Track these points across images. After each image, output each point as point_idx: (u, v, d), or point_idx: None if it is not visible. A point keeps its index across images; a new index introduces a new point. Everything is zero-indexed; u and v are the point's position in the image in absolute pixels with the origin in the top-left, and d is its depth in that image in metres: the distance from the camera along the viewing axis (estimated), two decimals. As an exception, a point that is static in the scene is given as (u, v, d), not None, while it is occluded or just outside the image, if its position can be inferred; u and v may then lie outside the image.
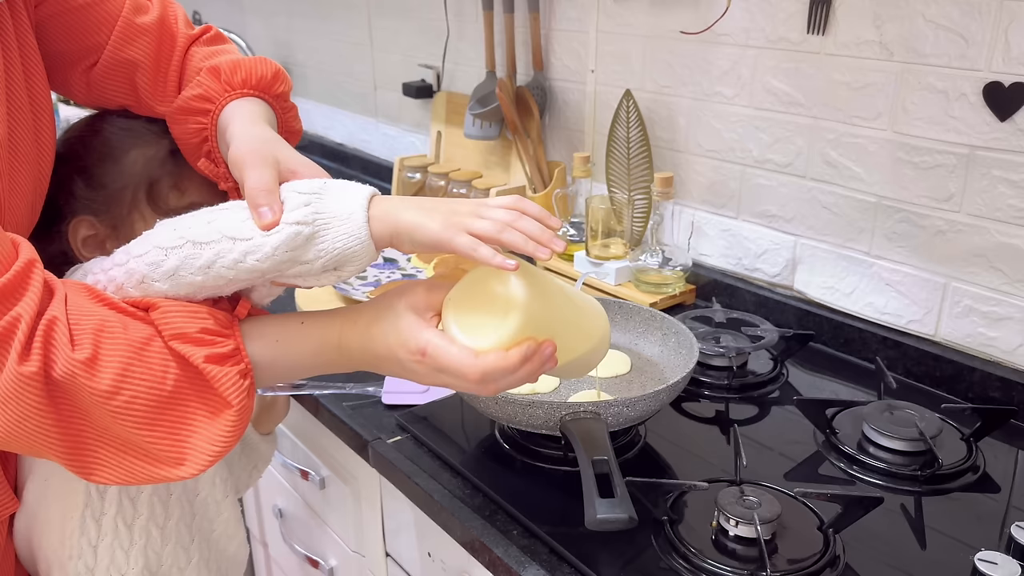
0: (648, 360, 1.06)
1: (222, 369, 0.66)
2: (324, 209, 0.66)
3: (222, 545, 0.94)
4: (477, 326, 0.67)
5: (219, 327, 0.67)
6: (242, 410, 0.67)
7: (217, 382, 0.65)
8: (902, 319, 1.15)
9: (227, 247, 0.66)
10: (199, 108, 0.81)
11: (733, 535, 0.78)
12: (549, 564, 0.78)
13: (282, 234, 0.65)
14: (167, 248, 0.66)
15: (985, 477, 0.91)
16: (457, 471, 0.92)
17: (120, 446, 0.65)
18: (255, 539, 1.58)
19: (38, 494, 0.80)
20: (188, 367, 0.65)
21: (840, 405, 1.02)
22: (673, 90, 1.37)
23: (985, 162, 1.02)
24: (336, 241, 0.66)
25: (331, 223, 0.66)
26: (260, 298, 0.76)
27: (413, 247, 0.68)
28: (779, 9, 1.19)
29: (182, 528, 0.87)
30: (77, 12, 0.81)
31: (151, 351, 0.64)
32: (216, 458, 0.66)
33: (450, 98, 1.82)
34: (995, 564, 0.74)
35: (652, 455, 0.96)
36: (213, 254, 0.66)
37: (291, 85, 0.87)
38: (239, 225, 0.66)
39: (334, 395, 1.08)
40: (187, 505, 0.87)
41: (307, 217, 0.66)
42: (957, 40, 1.01)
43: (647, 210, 1.35)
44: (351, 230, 0.66)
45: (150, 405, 0.63)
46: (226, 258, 0.66)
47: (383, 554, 1.11)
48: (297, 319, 0.71)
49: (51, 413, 0.61)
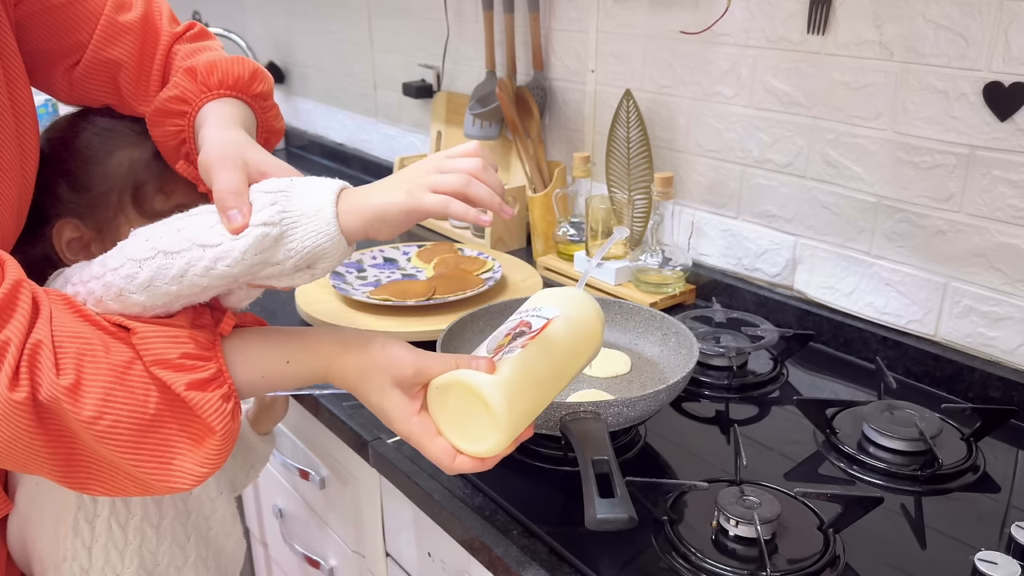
0: (648, 360, 1.06)
1: (204, 395, 0.65)
2: (291, 207, 0.66)
3: (219, 542, 0.94)
4: (461, 425, 0.70)
5: (200, 350, 0.67)
6: (226, 435, 0.67)
7: (200, 409, 0.65)
8: (902, 319, 1.15)
9: (197, 255, 0.65)
10: (176, 110, 0.80)
11: (733, 535, 0.78)
12: (549, 564, 0.78)
13: (249, 237, 0.65)
14: (140, 260, 0.66)
15: (985, 477, 0.91)
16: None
17: (109, 465, 0.65)
18: (255, 539, 1.58)
19: (30, 497, 0.80)
20: (169, 393, 0.65)
21: (840, 405, 1.02)
22: (673, 90, 1.37)
23: (985, 162, 1.02)
24: (305, 239, 0.65)
25: (299, 221, 0.65)
26: (238, 301, 0.76)
27: (390, 230, 0.67)
28: (779, 9, 1.19)
29: (177, 527, 0.87)
30: (58, 10, 0.80)
31: (132, 375, 0.64)
32: (203, 478, 0.66)
33: (450, 98, 1.82)
34: (995, 564, 0.74)
35: (652, 455, 0.96)
36: (184, 263, 0.65)
37: (271, 84, 0.86)
38: (207, 231, 0.66)
39: (334, 395, 1.08)
40: (181, 504, 0.87)
41: (273, 217, 0.65)
42: (957, 40, 1.01)
43: (647, 210, 1.35)
44: (319, 227, 0.65)
45: (133, 429, 0.63)
46: (197, 266, 0.65)
47: (383, 554, 1.11)
48: (283, 356, 0.71)
49: (41, 435, 0.61)
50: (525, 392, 0.70)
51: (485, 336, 1.07)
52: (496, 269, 1.38)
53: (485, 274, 1.37)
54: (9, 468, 0.65)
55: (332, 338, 0.73)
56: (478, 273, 1.37)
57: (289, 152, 2.52)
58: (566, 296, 0.78)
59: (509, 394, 0.68)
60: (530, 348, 0.71)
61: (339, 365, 0.72)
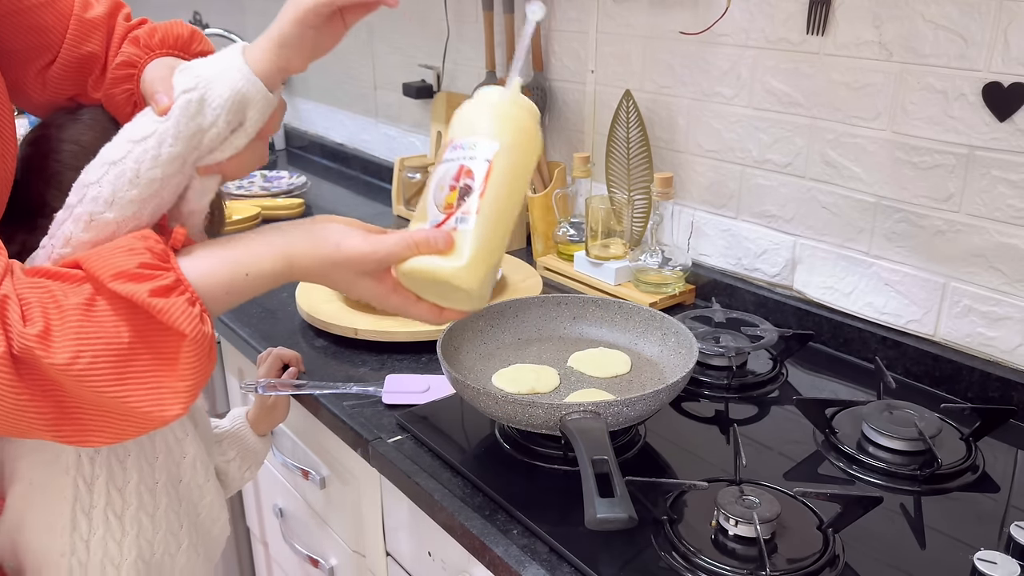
0: (648, 360, 1.06)
1: (169, 300, 0.65)
2: (203, 72, 0.71)
3: (207, 527, 0.94)
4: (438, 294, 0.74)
5: (157, 261, 0.67)
6: (198, 338, 0.66)
7: (167, 314, 0.65)
8: (901, 319, 1.16)
9: (140, 150, 0.70)
10: (124, 75, 0.82)
11: (733, 534, 0.78)
12: (549, 563, 0.78)
13: (176, 109, 0.69)
14: (97, 181, 0.70)
15: (984, 477, 0.91)
16: (457, 471, 0.93)
17: (99, 410, 0.65)
18: (255, 538, 1.58)
19: (23, 497, 0.80)
20: (137, 317, 0.65)
21: (839, 405, 1.02)
22: (673, 90, 1.37)
23: (984, 162, 1.03)
24: (224, 90, 0.70)
25: (214, 79, 0.71)
26: (198, 197, 0.76)
27: (297, 53, 0.72)
28: (778, 9, 1.19)
29: (171, 515, 0.87)
30: (29, 12, 0.81)
31: (98, 311, 0.64)
32: (191, 396, 0.67)
33: (450, 98, 1.82)
34: (994, 564, 0.74)
35: (652, 455, 0.96)
36: (134, 163, 0.70)
37: (211, 46, 0.88)
38: (139, 127, 0.71)
39: (334, 395, 1.08)
40: (173, 491, 0.88)
41: (191, 82, 0.70)
42: (956, 40, 1.02)
43: (647, 210, 1.35)
44: (232, 75, 0.71)
45: (111, 363, 0.63)
46: (145, 160, 0.69)
47: (383, 553, 1.11)
48: (241, 271, 0.72)
49: (24, 391, 0.62)
50: (490, 249, 0.72)
51: (485, 336, 1.08)
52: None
53: (485, 274, 1.37)
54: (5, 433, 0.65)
55: (284, 248, 0.73)
56: (478, 273, 1.37)
57: (289, 152, 2.52)
58: (496, 114, 0.74)
59: (476, 268, 0.70)
60: (483, 208, 0.71)
61: (301, 270, 0.73)
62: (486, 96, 0.75)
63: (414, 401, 1.06)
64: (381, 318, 1.24)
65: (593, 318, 1.11)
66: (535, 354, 1.07)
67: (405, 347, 1.21)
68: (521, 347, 1.09)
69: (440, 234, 0.70)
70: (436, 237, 0.70)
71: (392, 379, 1.10)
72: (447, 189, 0.72)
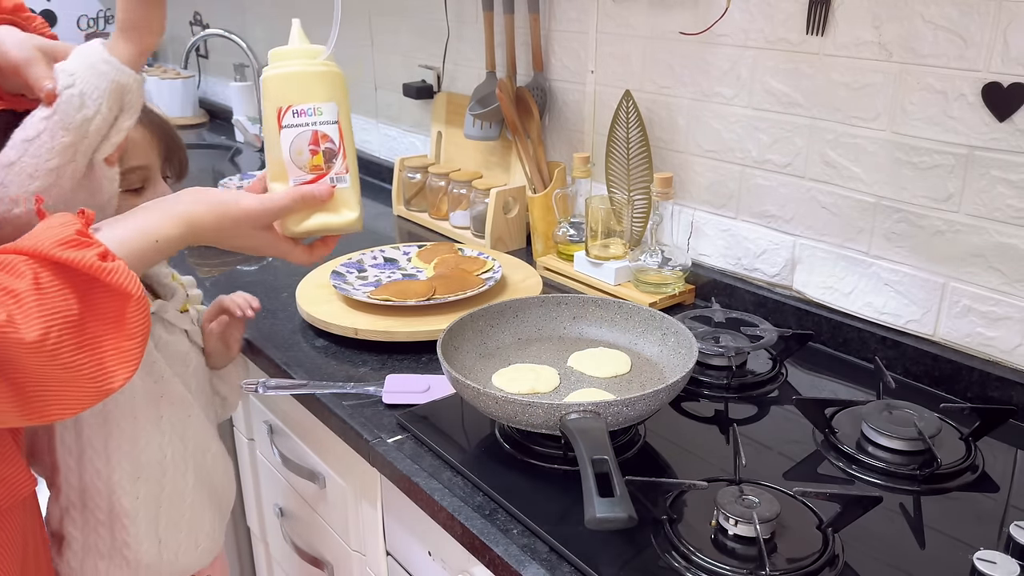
0: (648, 360, 1.06)
1: (116, 263, 0.69)
2: (73, 68, 0.79)
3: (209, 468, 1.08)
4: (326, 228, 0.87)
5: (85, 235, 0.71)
6: (142, 296, 0.70)
7: (115, 275, 0.68)
8: (901, 319, 1.16)
9: (35, 147, 0.77)
10: None
11: (732, 534, 0.78)
12: (549, 563, 0.78)
13: (59, 103, 0.77)
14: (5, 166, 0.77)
15: (984, 476, 0.91)
16: (457, 470, 0.93)
17: (57, 382, 0.67)
18: (256, 538, 1.58)
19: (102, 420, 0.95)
20: (78, 280, 0.67)
21: (839, 405, 1.03)
22: (673, 90, 1.37)
23: (984, 162, 1.03)
24: (99, 82, 0.78)
25: (84, 72, 0.78)
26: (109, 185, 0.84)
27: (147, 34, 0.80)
28: (778, 10, 1.19)
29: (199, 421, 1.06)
30: None
31: (46, 286, 0.66)
32: (139, 353, 0.71)
33: (450, 98, 1.82)
34: (994, 563, 0.74)
35: (652, 454, 0.96)
36: (31, 158, 0.77)
37: (43, 22, 0.91)
38: (30, 127, 0.78)
39: (334, 395, 1.09)
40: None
41: (68, 80, 0.78)
42: (956, 40, 1.02)
43: (647, 210, 1.35)
44: (104, 68, 0.79)
45: (71, 334, 0.66)
46: (41, 154, 0.77)
47: (383, 553, 1.11)
48: (151, 238, 0.77)
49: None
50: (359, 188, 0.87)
51: (485, 336, 1.08)
52: (496, 269, 1.38)
53: (485, 274, 1.37)
54: None
55: (184, 215, 0.79)
56: (478, 273, 1.37)
57: (289, 152, 2.52)
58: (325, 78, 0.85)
59: (361, 210, 0.87)
60: (350, 165, 0.85)
61: (202, 230, 0.80)
62: (304, 59, 0.86)
63: (414, 401, 1.06)
64: (381, 318, 1.24)
65: (593, 318, 1.11)
66: (535, 354, 1.07)
67: (405, 347, 1.21)
68: (521, 347, 1.09)
69: (322, 187, 0.84)
70: (320, 191, 0.84)
71: (392, 379, 1.10)
72: (307, 153, 0.84)
